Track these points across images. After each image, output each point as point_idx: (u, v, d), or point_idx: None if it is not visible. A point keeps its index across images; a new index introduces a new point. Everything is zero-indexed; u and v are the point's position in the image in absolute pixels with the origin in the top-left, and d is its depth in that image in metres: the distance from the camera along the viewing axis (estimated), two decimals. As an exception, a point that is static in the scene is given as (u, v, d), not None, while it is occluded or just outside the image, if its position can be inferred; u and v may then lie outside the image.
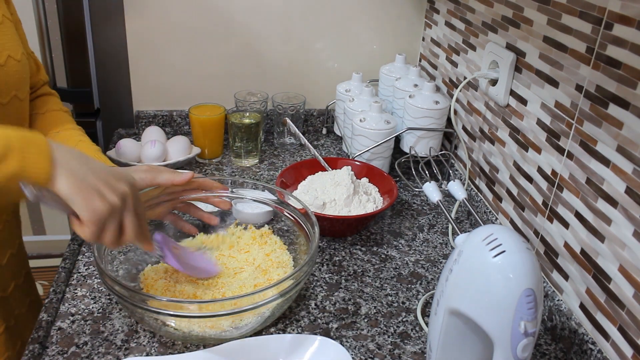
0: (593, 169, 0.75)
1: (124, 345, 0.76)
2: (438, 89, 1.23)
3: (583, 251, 0.78)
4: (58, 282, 0.86)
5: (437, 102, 1.15)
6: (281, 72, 1.39)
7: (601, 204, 0.73)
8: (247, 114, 1.24)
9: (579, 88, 0.78)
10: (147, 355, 0.74)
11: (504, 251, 0.58)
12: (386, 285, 0.91)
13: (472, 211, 1.00)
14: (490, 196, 1.07)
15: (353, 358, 0.76)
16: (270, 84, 1.39)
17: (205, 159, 1.27)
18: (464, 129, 1.19)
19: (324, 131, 1.44)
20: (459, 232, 0.92)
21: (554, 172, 0.85)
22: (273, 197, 0.94)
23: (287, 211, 0.91)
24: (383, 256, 0.98)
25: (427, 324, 0.82)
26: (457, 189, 1.04)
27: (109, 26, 1.30)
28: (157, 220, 0.91)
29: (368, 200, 1.02)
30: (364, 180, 1.09)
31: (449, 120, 1.18)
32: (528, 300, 0.57)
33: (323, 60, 1.40)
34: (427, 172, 1.10)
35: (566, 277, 0.82)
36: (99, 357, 0.74)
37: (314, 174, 1.10)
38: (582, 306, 0.78)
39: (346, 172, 1.04)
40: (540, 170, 0.88)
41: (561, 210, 0.83)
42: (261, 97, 1.33)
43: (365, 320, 0.83)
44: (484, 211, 1.07)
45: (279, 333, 0.79)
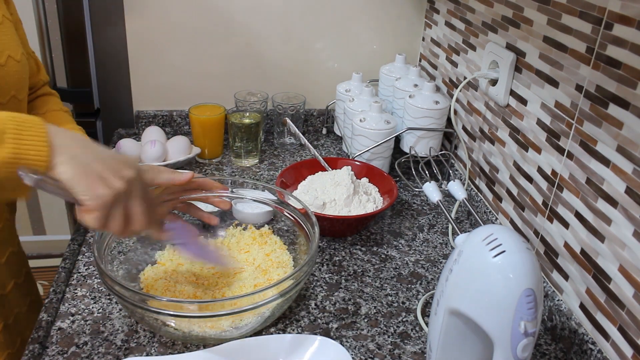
0: (593, 169, 0.75)
1: (124, 345, 0.76)
2: (438, 89, 1.23)
3: (583, 251, 0.78)
4: (58, 282, 0.86)
5: (437, 102, 1.15)
6: (281, 72, 1.39)
7: (601, 204, 0.73)
8: (247, 114, 1.24)
9: (579, 88, 0.78)
10: (147, 355, 0.74)
11: (504, 251, 0.58)
12: (386, 285, 0.91)
13: (472, 211, 1.00)
14: (490, 196, 1.07)
15: (353, 358, 0.76)
16: (270, 84, 1.39)
17: (205, 159, 1.27)
18: (464, 129, 1.19)
19: (324, 131, 1.44)
20: (459, 232, 0.92)
21: (554, 172, 0.85)
22: (273, 197, 0.94)
23: (287, 211, 0.91)
24: (383, 256, 0.98)
25: (427, 324, 0.82)
26: (457, 189, 1.04)
27: (109, 26, 1.30)
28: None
29: (368, 200, 1.02)
30: (364, 180, 1.09)
31: (449, 120, 1.18)
32: (528, 300, 0.57)
33: (323, 60, 1.40)
34: (427, 172, 1.10)
35: (566, 277, 0.82)
36: (99, 357, 0.74)
37: (314, 174, 1.10)
38: (582, 306, 0.78)
39: (346, 172, 1.04)
40: (540, 170, 0.88)
41: (561, 210, 0.83)
42: (261, 97, 1.33)
43: (365, 320, 0.83)
44: (484, 211, 1.07)
45: (279, 333, 0.79)
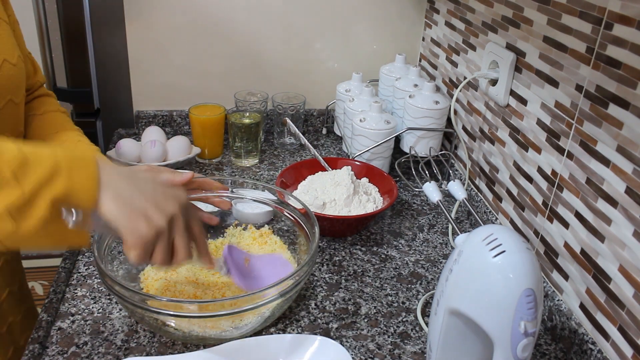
0: (593, 169, 0.75)
1: (124, 345, 0.76)
2: (438, 89, 1.23)
3: (583, 251, 0.78)
4: (58, 282, 0.86)
5: (437, 102, 1.15)
6: (281, 72, 1.39)
7: (601, 204, 0.73)
8: (247, 114, 1.24)
9: (579, 88, 0.78)
10: (147, 355, 0.74)
11: (504, 251, 0.58)
12: (386, 285, 0.91)
13: (472, 211, 1.00)
14: (490, 196, 1.07)
15: (353, 358, 0.76)
16: (270, 84, 1.39)
17: (205, 159, 1.27)
18: (464, 129, 1.19)
19: (324, 131, 1.44)
20: (459, 232, 0.92)
21: (554, 172, 0.85)
22: (273, 197, 0.94)
23: (287, 211, 0.91)
24: (383, 256, 0.98)
25: (427, 324, 0.82)
26: (457, 189, 1.04)
27: (109, 26, 1.30)
28: None
29: (368, 200, 1.02)
30: (364, 180, 1.09)
31: (449, 120, 1.18)
32: (528, 300, 0.57)
33: (323, 60, 1.40)
34: (427, 172, 1.10)
35: (566, 277, 0.82)
36: (99, 357, 0.74)
37: (314, 174, 1.10)
38: (582, 306, 0.78)
39: (346, 172, 1.04)
40: (540, 170, 0.88)
41: (561, 210, 0.83)
42: (261, 97, 1.33)
43: (365, 320, 0.83)
44: (484, 211, 1.07)
45: (279, 333, 0.79)
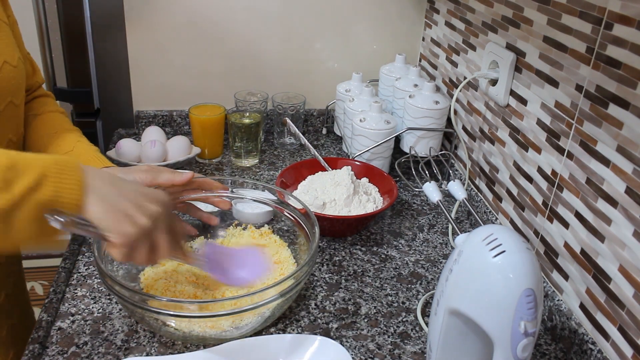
0: (593, 169, 0.75)
1: (124, 345, 0.76)
2: (438, 89, 1.23)
3: (583, 251, 0.78)
4: (58, 282, 0.86)
5: (437, 102, 1.15)
6: (281, 72, 1.39)
7: (601, 204, 0.73)
8: (247, 114, 1.24)
9: (579, 88, 0.78)
10: (147, 355, 0.74)
11: (504, 251, 0.58)
12: (386, 285, 0.91)
13: (472, 211, 1.00)
14: (490, 196, 1.07)
15: (353, 358, 0.76)
16: (270, 84, 1.39)
17: (205, 159, 1.27)
18: (464, 129, 1.19)
19: (324, 131, 1.44)
20: (459, 232, 0.92)
21: (554, 172, 0.85)
22: (273, 197, 0.94)
23: (287, 211, 0.91)
24: (383, 256, 0.98)
25: (427, 324, 0.82)
26: (457, 189, 1.04)
27: (109, 26, 1.30)
28: None
29: (368, 200, 1.02)
30: (364, 180, 1.09)
31: (449, 120, 1.18)
32: (528, 300, 0.57)
33: (323, 60, 1.40)
34: (427, 172, 1.10)
35: (566, 277, 0.82)
36: (99, 357, 0.74)
37: (314, 174, 1.10)
38: (582, 306, 0.78)
39: (346, 172, 1.04)
40: (540, 170, 0.88)
41: (561, 210, 0.83)
42: (261, 97, 1.33)
43: (365, 320, 0.83)
44: (484, 211, 1.07)
45: (279, 333, 0.79)
